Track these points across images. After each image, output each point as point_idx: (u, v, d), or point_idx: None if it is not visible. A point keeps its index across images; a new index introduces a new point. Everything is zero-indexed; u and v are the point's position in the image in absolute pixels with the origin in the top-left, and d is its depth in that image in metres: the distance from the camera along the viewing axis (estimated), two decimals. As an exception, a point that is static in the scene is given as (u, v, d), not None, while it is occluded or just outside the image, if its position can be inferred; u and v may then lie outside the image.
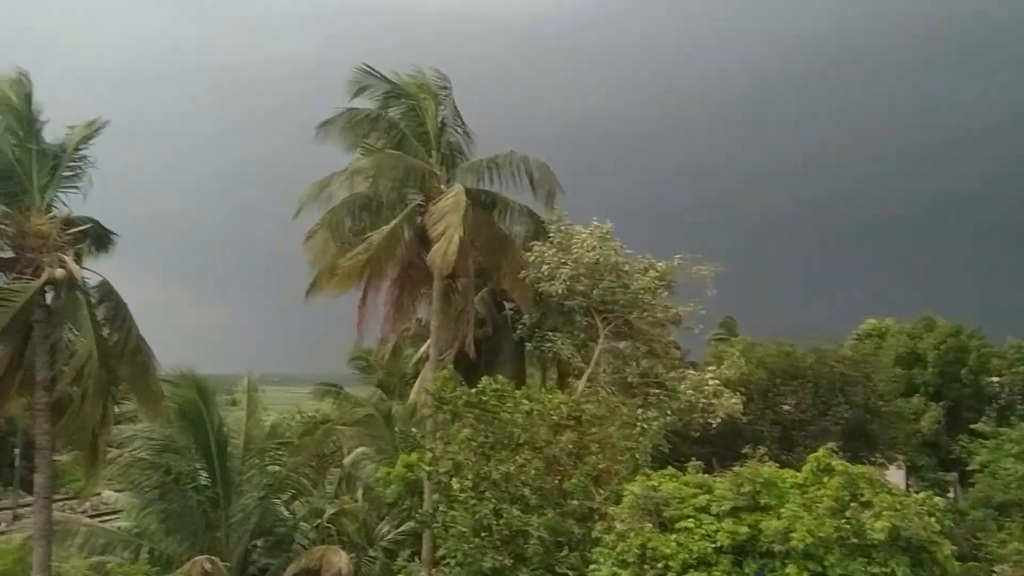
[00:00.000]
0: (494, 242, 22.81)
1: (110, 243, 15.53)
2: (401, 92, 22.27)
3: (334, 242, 21.54)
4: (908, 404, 34.64)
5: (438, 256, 19.67)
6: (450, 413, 16.61)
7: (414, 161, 21.39)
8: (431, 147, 21.94)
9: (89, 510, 35.62)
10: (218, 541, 19.74)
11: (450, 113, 22.52)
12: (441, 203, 20.42)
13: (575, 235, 22.82)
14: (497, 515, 14.86)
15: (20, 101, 14.55)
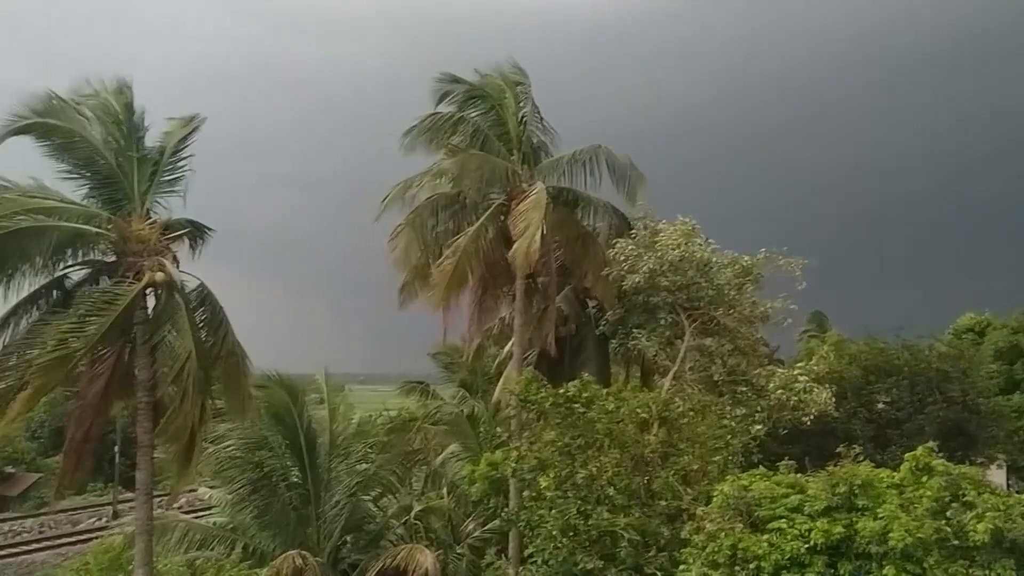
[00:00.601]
0: (577, 240, 22.71)
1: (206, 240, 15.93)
2: (481, 93, 22.35)
3: (417, 242, 21.76)
4: (1009, 401, 33.21)
5: (520, 254, 19.69)
6: (535, 412, 16.59)
7: (497, 160, 21.43)
8: (512, 145, 21.97)
9: (185, 506, 36.87)
10: (309, 537, 20.14)
11: (530, 110, 22.48)
12: (523, 202, 20.45)
13: (660, 232, 22.55)
14: (584, 516, 14.80)
15: (122, 110, 15.03)
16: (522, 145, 22.05)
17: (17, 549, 36.85)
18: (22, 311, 14.47)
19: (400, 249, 21.84)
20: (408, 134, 21.78)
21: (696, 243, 22.23)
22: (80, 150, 14.85)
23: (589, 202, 23.20)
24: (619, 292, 23.06)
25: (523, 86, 22.44)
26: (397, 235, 21.88)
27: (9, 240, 13.38)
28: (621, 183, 22.39)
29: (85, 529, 40.26)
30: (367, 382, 35.29)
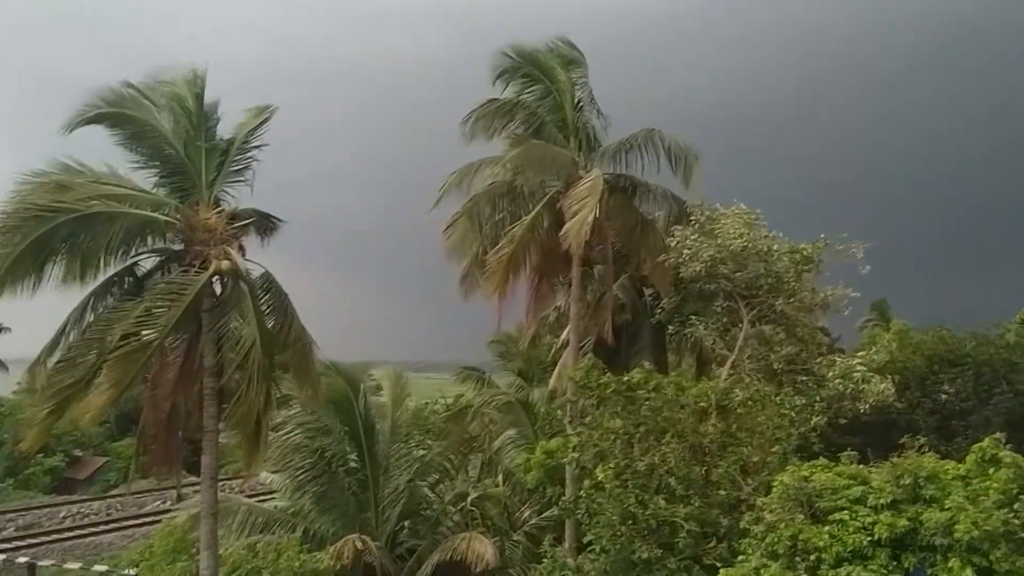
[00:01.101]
0: (633, 227, 22.53)
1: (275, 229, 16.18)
2: (538, 77, 22.19)
3: (473, 231, 21.82)
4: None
5: (572, 234, 19.51)
6: (595, 400, 16.57)
7: (554, 149, 21.33)
8: (569, 132, 21.85)
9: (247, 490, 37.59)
10: (367, 522, 20.45)
11: (586, 95, 22.35)
12: (578, 188, 20.37)
13: (719, 219, 22.26)
14: (642, 504, 14.76)
15: (192, 99, 15.26)
16: (578, 131, 21.94)
17: (85, 530, 37.91)
18: (97, 297, 14.83)
19: (456, 238, 21.92)
20: (466, 121, 21.84)
21: (759, 232, 21.92)
22: (150, 139, 15.13)
23: (647, 189, 23.00)
24: (676, 280, 22.88)
25: (579, 67, 22.22)
26: (454, 224, 21.96)
27: (82, 223, 13.72)
28: (677, 166, 22.11)
29: (150, 512, 41.22)
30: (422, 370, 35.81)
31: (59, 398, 14.21)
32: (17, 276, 13.55)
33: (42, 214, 13.33)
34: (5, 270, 13.25)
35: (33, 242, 13.32)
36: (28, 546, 33.66)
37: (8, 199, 13.51)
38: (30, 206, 13.35)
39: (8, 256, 13.18)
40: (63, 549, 34.19)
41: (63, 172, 14.07)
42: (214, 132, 15.37)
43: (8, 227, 13.27)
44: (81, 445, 48.89)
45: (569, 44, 22.31)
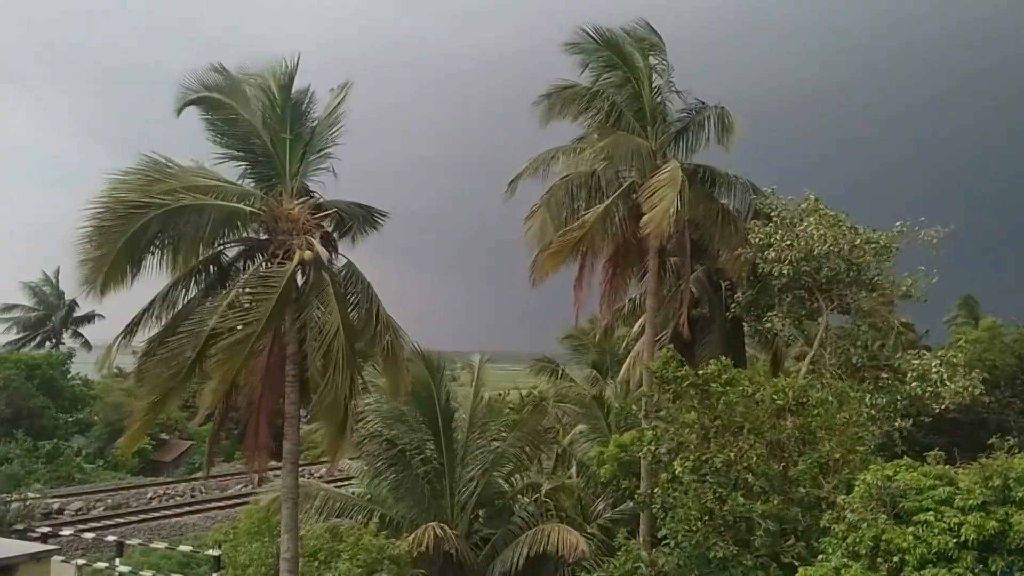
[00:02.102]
0: (711, 218, 22.19)
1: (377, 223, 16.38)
2: (616, 62, 21.87)
3: (552, 222, 21.79)
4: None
5: (652, 224, 19.23)
6: (671, 393, 16.45)
7: (634, 139, 21.14)
8: (646, 121, 21.53)
9: (325, 476, 38.39)
10: (443, 509, 20.68)
11: (664, 83, 22.05)
12: (656, 178, 20.16)
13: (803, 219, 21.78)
14: (720, 500, 14.63)
15: (279, 89, 15.51)
16: (656, 120, 21.69)
17: (171, 511, 39.22)
18: (182, 286, 15.26)
19: (535, 229, 21.89)
20: (540, 104, 21.74)
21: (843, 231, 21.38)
22: (240, 127, 15.40)
23: (726, 179, 22.72)
24: (752, 272, 22.57)
25: (658, 52, 21.86)
26: (533, 215, 21.96)
27: (172, 216, 14.03)
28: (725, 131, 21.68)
29: (232, 495, 42.47)
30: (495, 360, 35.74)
31: (159, 392, 14.67)
32: (116, 273, 13.92)
33: (135, 211, 13.66)
34: (107, 269, 13.62)
35: (129, 239, 13.65)
36: (116, 525, 34.98)
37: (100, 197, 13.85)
38: (123, 203, 13.69)
39: (108, 255, 13.53)
40: (149, 529, 35.42)
41: (151, 168, 14.36)
42: (299, 121, 15.56)
43: (104, 227, 13.59)
44: (167, 429, 50.50)
45: (648, 27, 21.89)
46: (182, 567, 28.38)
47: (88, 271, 13.63)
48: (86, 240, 13.57)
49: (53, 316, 65.61)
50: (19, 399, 47.85)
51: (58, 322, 65.51)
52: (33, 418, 48.19)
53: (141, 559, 28.98)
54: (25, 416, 47.79)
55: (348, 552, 17.00)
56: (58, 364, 54.66)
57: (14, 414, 47.31)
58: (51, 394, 51.26)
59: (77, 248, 13.69)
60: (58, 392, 52.33)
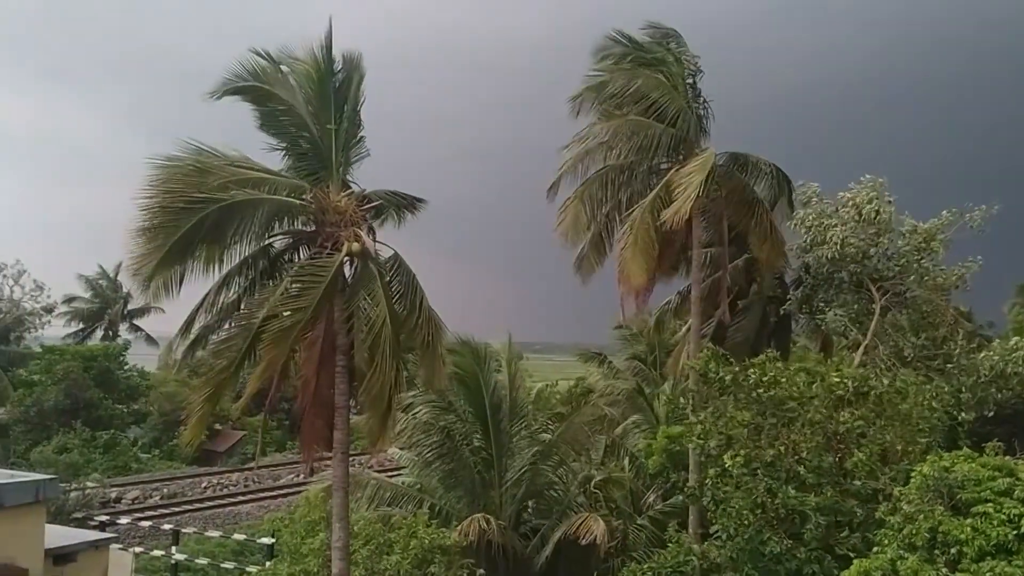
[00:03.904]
0: (746, 208, 22.01)
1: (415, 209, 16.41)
2: (649, 60, 21.83)
3: (584, 214, 21.83)
4: None
5: (671, 213, 19.23)
6: (718, 388, 16.34)
7: (667, 129, 21.05)
8: (681, 114, 21.28)
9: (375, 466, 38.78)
10: (492, 500, 20.74)
11: (696, 76, 21.92)
12: (688, 166, 20.04)
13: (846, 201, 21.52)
14: (771, 494, 14.49)
15: (323, 81, 15.43)
16: (691, 112, 21.50)
17: (225, 501, 39.95)
18: (233, 277, 15.36)
19: (568, 222, 21.92)
20: (576, 102, 21.76)
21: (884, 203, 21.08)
22: (288, 118, 15.45)
23: (758, 167, 22.52)
24: (802, 264, 22.34)
25: (686, 51, 21.82)
26: (566, 208, 21.96)
27: (226, 212, 14.14)
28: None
29: (284, 484, 43.10)
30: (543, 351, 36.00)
31: (213, 384, 14.89)
32: (170, 268, 14.11)
33: (190, 206, 13.76)
34: (158, 264, 13.75)
35: (184, 235, 13.75)
36: (172, 514, 35.71)
37: (147, 186, 13.87)
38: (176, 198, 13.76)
39: (160, 249, 13.65)
40: (204, 518, 36.10)
41: (196, 156, 14.39)
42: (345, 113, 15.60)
43: (157, 224, 13.69)
44: (220, 419, 51.40)
45: (675, 32, 22.04)
46: (236, 555, 28.88)
47: (144, 267, 13.76)
48: (141, 236, 13.74)
49: (110, 309, 67.04)
50: (77, 390, 48.98)
51: (115, 314, 66.93)
52: (91, 409, 49.31)
53: (196, 547, 29.56)
54: (83, 407, 48.91)
55: (400, 544, 17.15)
56: (115, 356, 55.84)
57: (72, 405, 48.45)
58: (108, 385, 52.39)
59: (132, 244, 13.91)
60: (115, 383, 53.47)
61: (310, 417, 15.46)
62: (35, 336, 61.94)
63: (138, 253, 13.77)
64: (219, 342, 14.90)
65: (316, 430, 15.70)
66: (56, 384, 48.67)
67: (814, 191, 22.09)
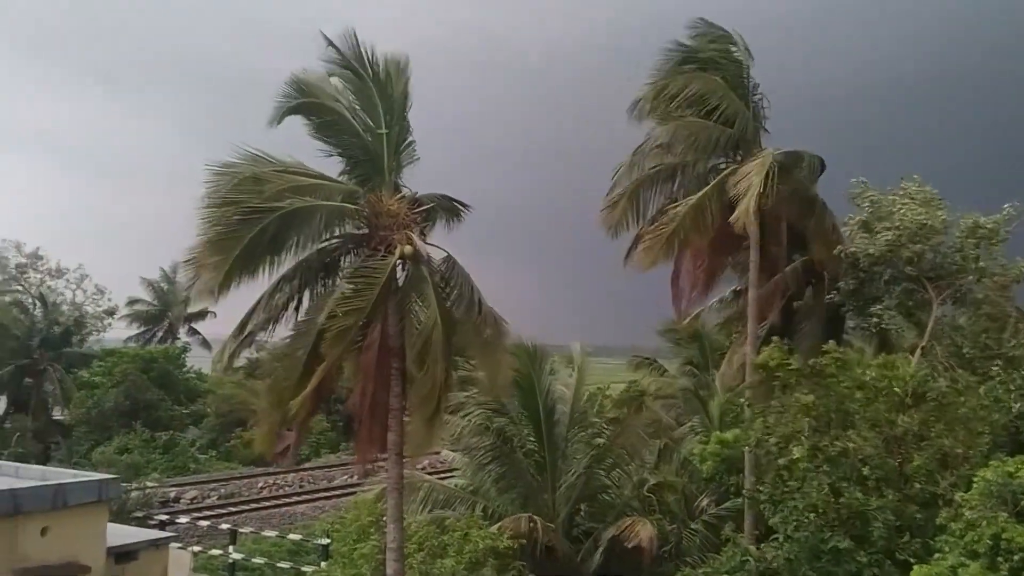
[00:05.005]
0: (805, 207, 21.72)
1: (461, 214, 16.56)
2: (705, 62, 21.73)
3: (633, 213, 21.83)
4: None
5: (740, 213, 19.15)
6: (779, 384, 16.13)
7: (725, 130, 20.92)
8: (738, 114, 21.16)
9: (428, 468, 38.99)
10: (545, 503, 20.73)
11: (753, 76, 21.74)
12: (746, 166, 19.88)
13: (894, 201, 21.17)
14: (835, 493, 14.28)
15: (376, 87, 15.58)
16: (748, 111, 21.30)
17: (280, 501, 40.45)
18: (287, 280, 15.57)
19: (614, 219, 21.84)
20: (636, 108, 21.71)
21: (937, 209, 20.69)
22: (340, 128, 15.71)
23: (812, 165, 22.24)
24: (854, 264, 21.99)
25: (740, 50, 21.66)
26: (614, 204, 21.88)
27: (286, 219, 14.39)
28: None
29: (339, 485, 43.47)
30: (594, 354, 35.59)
31: (277, 392, 15.20)
32: (234, 278, 14.38)
33: (250, 217, 14.04)
34: (225, 277, 14.06)
35: (247, 246, 14.05)
36: (229, 514, 36.23)
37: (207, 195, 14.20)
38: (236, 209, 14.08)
39: (226, 262, 13.94)
40: (260, 517, 36.56)
41: (251, 162, 14.71)
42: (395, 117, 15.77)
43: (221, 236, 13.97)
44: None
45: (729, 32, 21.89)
46: (292, 555, 29.23)
47: (212, 281, 14.07)
48: (207, 249, 14.03)
49: (169, 312, 68.37)
50: (137, 392, 50.00)
51: (174, 318, 68.22)
52: (150, 410, 50.26)
53: (253, 547, 30.00)
54: (143, 408, 49.88)
55: (454, 547, 17.23)
56: (174, 358, 56.92)
57: (133, 406, 49.45)
58: (167, 387, 53.37)
59: (195, 253, 14.21)
60: (173, 385, 54.47)
61: (364, 419, 15.61)
62: (97, 339, 63.34)
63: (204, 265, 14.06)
64: (280, 349, 15.17)
65: (370, 432, 15.85)
66: (117, 386, 49.72)
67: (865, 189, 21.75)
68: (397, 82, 15.81)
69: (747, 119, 21.06)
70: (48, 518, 10.75)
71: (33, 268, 62.84)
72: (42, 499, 10.87)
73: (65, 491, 11.18)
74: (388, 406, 15.52)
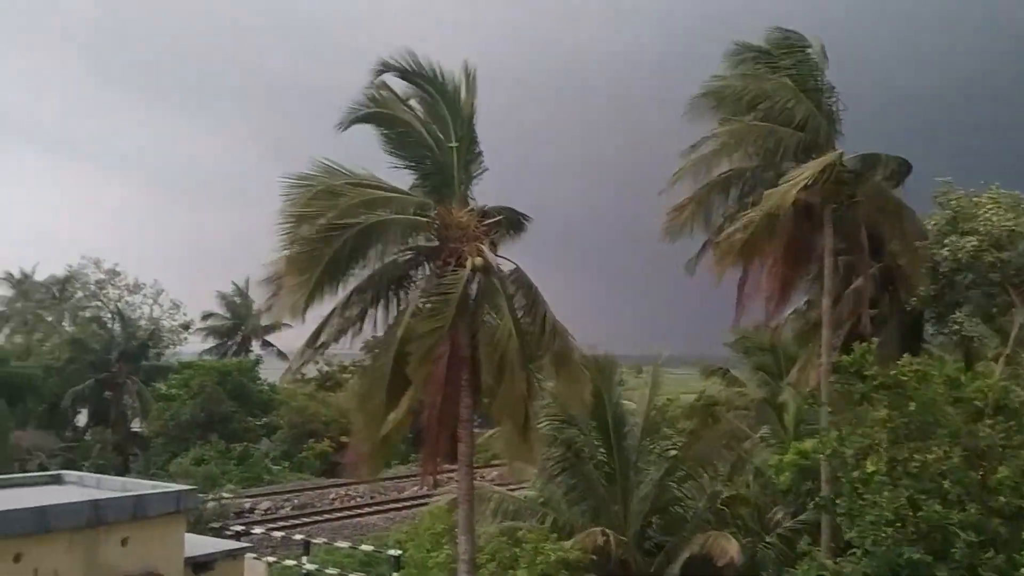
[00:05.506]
0: (887, 212, 21.15)
1: (523, 227, 16.63)
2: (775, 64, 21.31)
3: (700, 218, 21.47)
4: None
5: (775, 197, 19.00)
6: (859, 393, 15.70)
7: (794, 134, 20.51)
8: (809, 118, 20.69)
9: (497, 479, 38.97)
10: (616, 515, 20.55)
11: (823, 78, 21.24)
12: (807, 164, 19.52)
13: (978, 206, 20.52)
14: (914, 506, 13.84)
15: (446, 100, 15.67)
16: (820, 114, 20.85)
17: (352, 512, 40.85)
18: (360, 293, 15.67)
19: (680, 223, 21.49)
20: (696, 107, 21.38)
21: None
22: (411, 140, 15.85)
23: (888, 167, 21.68)
24: (934, 269, 21.35)
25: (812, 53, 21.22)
26: (681, 208, 21.53)
27: (364, 234, 14.60)
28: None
29: (409, 496, 43.75)
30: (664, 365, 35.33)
31: (370, 409, 15.36)
32: (317, 295, 14.63)
33: (329, 233, 14.25)
34: (309, 295, 14.30)
35: (328, 263, 14.30)
36: (303, 524, 36.69)
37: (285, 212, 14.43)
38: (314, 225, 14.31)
39: (308, 282, 14.16)
40: (332, 528, 36.95)
41: (326, 174, 14.91)
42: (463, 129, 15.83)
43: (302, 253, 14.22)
44: (347, 432, 52.67)
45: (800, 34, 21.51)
46: (364, 566, 29.43)
47: (298, 302, 14.33)
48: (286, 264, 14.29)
49: (243, 325, 69.74)
50: (213, 404, 51.05)
51: (248, 331, 69.54)
52: (225, 422, 51.28)
53: (326, 557, 30.27)
54: (218, 420, 50.93)
55: (526, 559, 17.16)
56: (248, 370, 58.01)
57: (208, 418, 50.52)
58: (241, 399, 54.40)
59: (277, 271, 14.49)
60: (248, 397, 55.48)
61: (434, 431, 15.65)
62: (173, 352, 64.91)
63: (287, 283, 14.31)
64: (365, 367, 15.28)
65: (440, 443, 15.89)
66: (193, 398, 50.85)
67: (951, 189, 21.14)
68: (464, 94, 15.88)
69: (819, 123, 20.61)
70: (128, 528, 10.91)
71: (111, 284, 64.84)
72: (122, 510, 11.03)
73: (145, 502, 11.34)
74: (458, 417, 15.55)
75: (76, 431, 56.24)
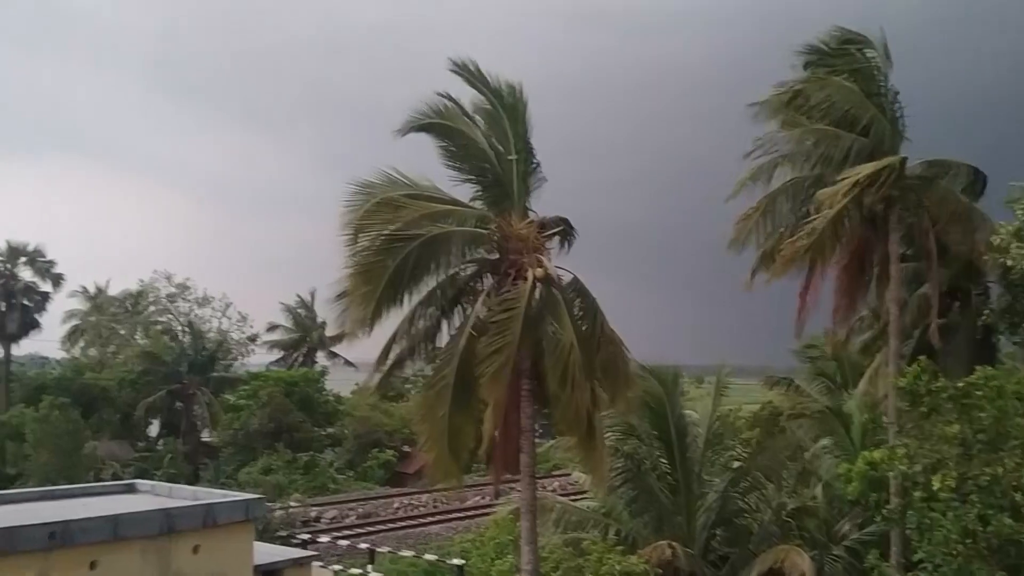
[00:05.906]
0: (956, 217, 20.68)
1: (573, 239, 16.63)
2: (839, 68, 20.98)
3: (765, 227, 21.07)
4: None
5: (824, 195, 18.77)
6: (927, 407, 15.36)
7: (859, 139, 20.18)
8: (873, 123, 20.32)
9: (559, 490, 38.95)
10: (679, 526, 20.39)
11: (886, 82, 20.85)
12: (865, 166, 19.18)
13: None
14: (984, 521, 13.50)
15: (507, 113, 15.92)
16: (885, 119, 20.48)
17: (415, 521, 41.19)
18: (422, 308, 15.88)
19: (745, 231, 21.21)
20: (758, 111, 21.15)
21: None
22: (472, 153, 16.07)
23: (957, 172, 21.27)
24: (1005, 276, 20.77)
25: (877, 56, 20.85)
26: (746, 217, 21.25)
27: (426, 246, 14.77)
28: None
29: (471, 506, 43.93)
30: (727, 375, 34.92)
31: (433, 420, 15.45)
32: (384, 307, 14.88)
33: (392, 245, 14.49)
34: (375, 308, 14.56)
35: (392, 276, 14.52)
36: (367, 533, 37.10)
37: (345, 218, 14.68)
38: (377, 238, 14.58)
39: (373, 294, 14.43)
40: (396, 537, 37.29)
41: (387, 183, 15.16)
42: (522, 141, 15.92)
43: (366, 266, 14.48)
44: (410, 442, 53.22)
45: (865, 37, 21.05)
46: (428, 575, 29.68)
47: (365, 316, 14.58)
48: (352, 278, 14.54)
49: (308, 336, 70.82)
50: (280, 414, 51.93)
51: (313, 342, 70.60)
52: (292, 432, 52.10)
53: (391, 566, 30.62)
54: (285, 430, 51.79)
55: (591, 570, 17.14)
56: (314, 381, 58.90)
57: (276, 428, 51.41)
58: (307, 409, 55.25)
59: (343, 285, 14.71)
60: (313, 407, 56.33)
61: (498, 441, 15.75)
62: (241, 363, 66.26)
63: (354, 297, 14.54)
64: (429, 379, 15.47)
65: (504, 453, 15.99)
66: (261, 408, 51.81)
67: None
68: (522, 107, 16.02)
69: (884, 128, 20.26)
70: (199, 536, 11.22)
71: (182, 297, 66.57)
72: (194, 518, 11.35)
73: (215, 510, 11.64)
74: (521, 427, 15.62)
75: (148, 441, 57.78)
